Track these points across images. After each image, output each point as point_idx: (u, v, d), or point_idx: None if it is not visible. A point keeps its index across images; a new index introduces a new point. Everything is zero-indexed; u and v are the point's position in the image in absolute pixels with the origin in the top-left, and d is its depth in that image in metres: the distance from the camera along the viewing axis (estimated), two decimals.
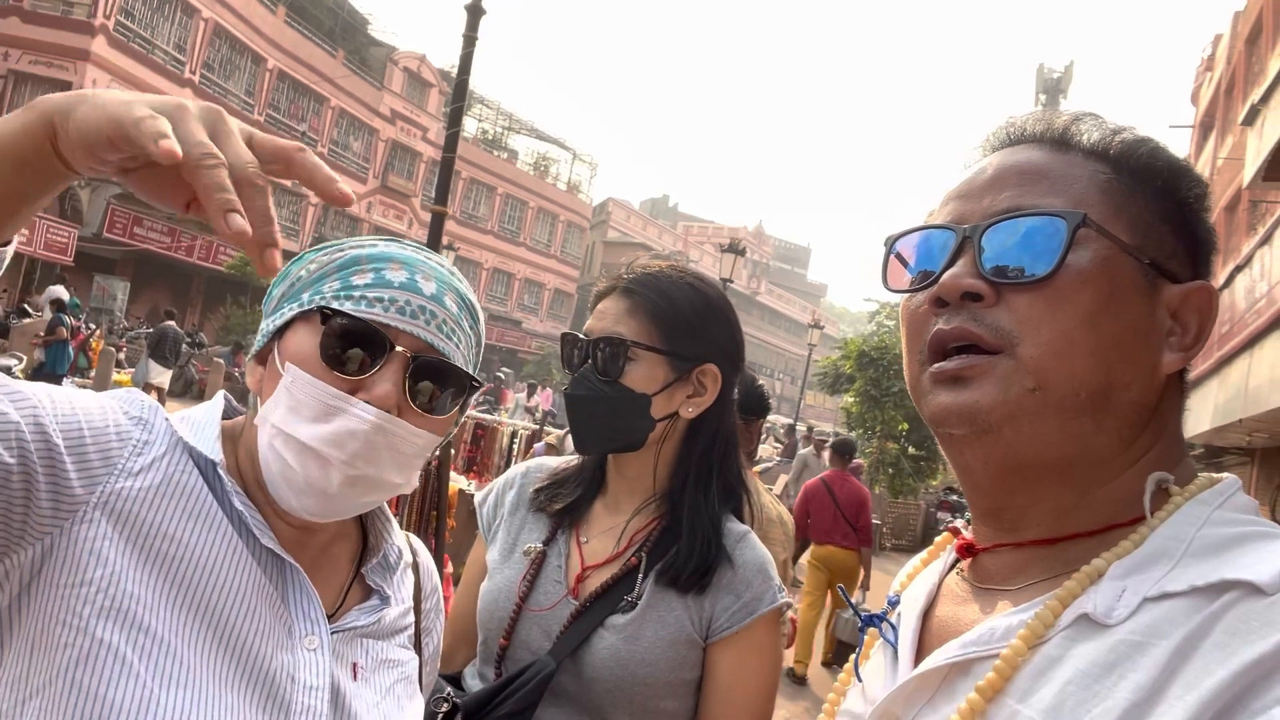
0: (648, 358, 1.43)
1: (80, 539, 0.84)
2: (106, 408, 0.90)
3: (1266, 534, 0.67)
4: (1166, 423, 0.77)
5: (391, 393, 0.94)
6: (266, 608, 0.93)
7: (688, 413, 1.47)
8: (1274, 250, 10.97)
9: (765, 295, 67.26)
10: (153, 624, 0.84)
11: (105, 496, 0.86)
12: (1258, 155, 12.38)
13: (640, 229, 54.88)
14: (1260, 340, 10.92)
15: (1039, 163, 0.78)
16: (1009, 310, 0.73)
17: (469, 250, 39.53)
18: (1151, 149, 0.78)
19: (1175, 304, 0.75)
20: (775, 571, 1.46)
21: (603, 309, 1.48)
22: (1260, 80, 13.43)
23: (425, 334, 0.97)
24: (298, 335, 0.96)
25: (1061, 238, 0.72)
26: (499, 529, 1.56)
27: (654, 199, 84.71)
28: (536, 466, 1.64)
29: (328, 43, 33.14)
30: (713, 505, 1.46)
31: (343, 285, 0.97)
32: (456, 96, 8.25)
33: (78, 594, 0.82)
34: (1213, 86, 21.19)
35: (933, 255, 0.79)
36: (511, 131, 45.76)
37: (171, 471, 0.92)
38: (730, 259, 18.85)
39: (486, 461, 7.60)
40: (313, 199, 33.02)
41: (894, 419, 16.22)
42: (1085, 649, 0.65)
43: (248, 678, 0.89)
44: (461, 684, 1.49)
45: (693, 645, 1.38)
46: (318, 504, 0.94)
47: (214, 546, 0.91)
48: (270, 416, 0.94)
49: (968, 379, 0.73)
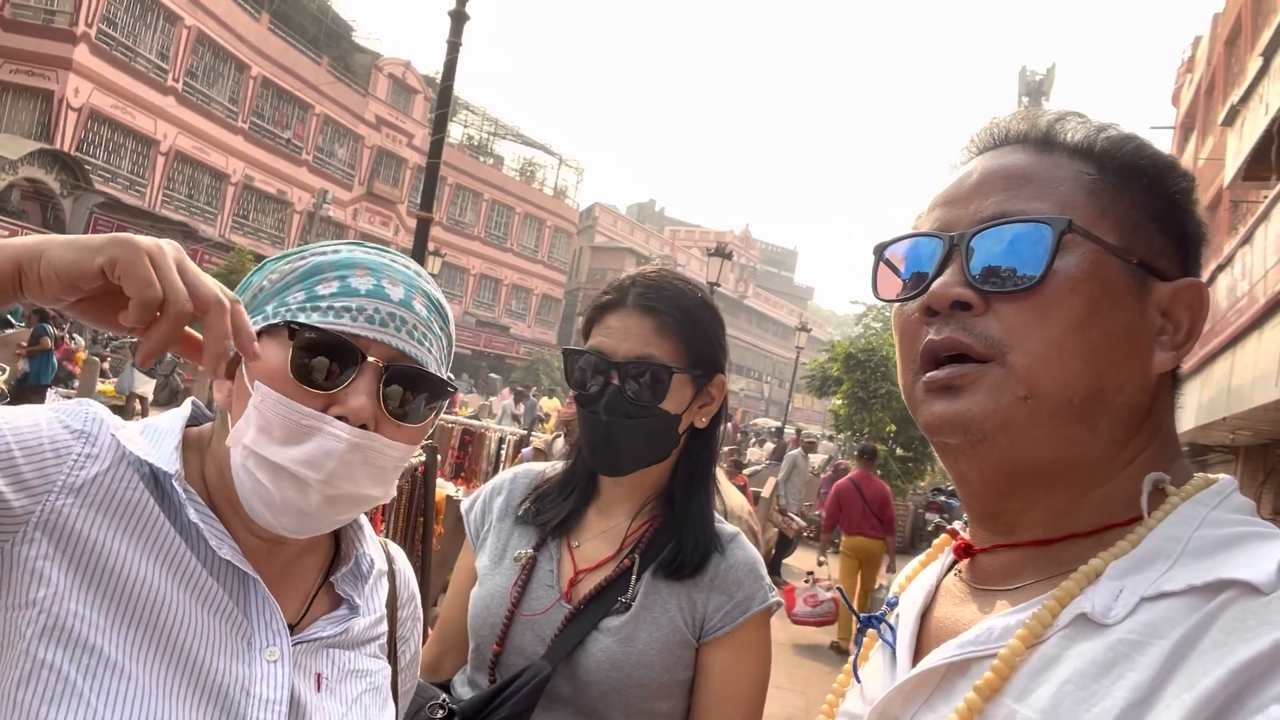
0: (680, 379, 1.43)
1: (22, 559, 0.82)
2: (41, 422, 0.87)
3: (1263, 534, 0.67)
4: (1161, 422, 0.77)
5: (366, 405, 0.92)
6: (220, 622, 0.91)
7: (701, 423, 1.49)
8: (1254, 250, 11.07)
9: (753, 299, 67.43)
10: (98, 642, 0.82)
11: (45, 514, 0.84)
12: (1237, 155, 12.49)
13: (627, 234, 54.93)
14: (1242, 339, 11.00)
15: (1023, 166, 0.78)
16: (998, 319, 0.73)
17: (456, 256, 39.46)
18: (1136, 146, 0.78)
19: (1166, 302, 0.75)
20: (765, 571, 1.47)
21: (624, 327, 1.44)
22: (1240, 81, 13.56)
23: (396, 341, 0.94)
24: (266, 350, 0.92)
25: (1047, 244, 0.72)
26: (488, 535, 1.56)
27: (640, 203, 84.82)
28: (524, 472, 1.63)
29: (312, 50, 33.06)
30: (708, 505, 1.49)
31: (308, 296, 0.94)
32: (441, 103, 8.24)
33: (21, 615, 0.81)
34: (1193, 88, 21.39)
35: (921, 263, 0.79)
36: (497, 137, 45.78)
37: (115, 486, 0.89)
38: (717, 263, 18.90)
39: (474, 467, 7.56)
40: (298, 206, 32.90)
41: (881, 420, 16.25)
42: (1083, 648, 0.65)
43: (199, 693, 0.87)
44: (450, 692, 1.48)
45: (686, 646, 1.39)
46: (295, 522, 0.93)
47: (158, 563, 0.88)
48: (242, 438, 0.91)
49: (959, 388, 0.73)
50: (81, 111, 24.64)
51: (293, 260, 0.99)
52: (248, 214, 31.80)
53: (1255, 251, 11.08)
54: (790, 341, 45.45)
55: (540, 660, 1.36)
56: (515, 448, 7.47)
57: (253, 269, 1.02)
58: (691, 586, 1.41)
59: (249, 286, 0.99)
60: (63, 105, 24.01)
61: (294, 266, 0.97)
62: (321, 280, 0.95)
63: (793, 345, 36.03)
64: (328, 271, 0.96)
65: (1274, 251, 9.96)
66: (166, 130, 27.68)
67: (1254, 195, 13.79)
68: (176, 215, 27.68)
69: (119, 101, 25.77)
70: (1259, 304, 10.28)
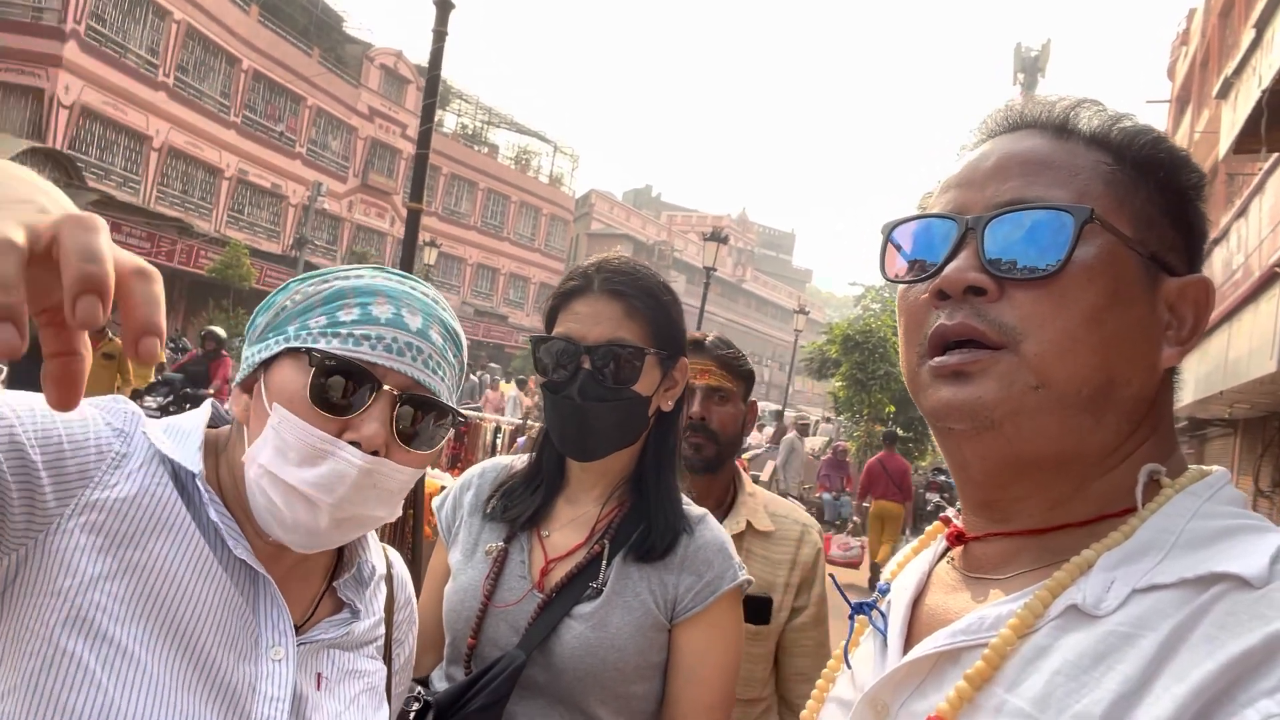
0: (649, 361, 1.45)
1: (53, 549, 0.85)
2: (89, 418, 0.91)
3: (1255, 527, 0.67)
4: (1161, 415, 0.77)
5: (380, 432, 0.95)
6: (234, 619, 0.94)
7: (667, 406, 1.51)
8: (1249, 223, 11.05)
9: (751, 282, 67.33)
10: (118, 634, 0.86)
11: (79, 508, 0.87)
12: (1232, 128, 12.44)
13: (624, 220, 54.77)
14: (1238, 312, 11.00)
15: (1042, 152, 0.77)
16: (1013, 306, 0.72)
17: (453, 246, 39.36)
18: (1153, 139, 0.77)
19: (1173, 297, 0.75)
20: (734, 550, 1.49)
21: (593, 312, 1.45)
22: (1233, 53, 13.49)
23: (412, 371, 0.98)
24: (285, 372, 0.96)
25: (1068, 233, 0.71)
26: (459, 530, 1.57)
27: (637, 189, 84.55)
28: (493, 466, 1.65)
29: (302, 41, 32.84)
30: (675, 487, 1.50)
31: (330, 321, 0.97)
32: (429, 93, 8.20)
33: (47, 604, 0.84)
34: (1188, 61, 21.29)
35: (933, 245, 0.78)
36: (491, 125, 45.51)
37: (147, 484, 0.93)
38: (714, 247, 18.85)
39: (470, 458, 7.58)
40: (293, 200, 32.79)
41: (881, 401, 16.28)
42: (1074, 639, 0.65)
43: (210, 688, 0.90)
44: (428, 686, 1.49)
45: (659, 628, 1.41)
46: (304, 539, 0.96)
47: (183, 558, 0.92)
48: (258, 456, 0.95)
49: (970, 374, 0.72)
50: (73, 109, 24.49)
51: (316, 283, 1.02)
52: (243, 208, 31.66)
53: (1250, 224, 11.06)
54: (789, 324, 45.36)
55: (515, 649, 1.37)
56: (511, 437, 7.48)
57: (276, 289, 1.05)
58: (662, 568, 1.42)
59: (272, 305, 1.02)
60: (54, 103, 23.85)
61: (317, 290, 1.00)
62: (343, 306, 0.98)
63: (791, 328, 35.98)
64: (349, 298, 0.99)
65: (1269, 224, 9.95)
66: (159, 126, 27.51)
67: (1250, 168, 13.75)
68: (171, 211, 27.54)
69: (110, 98, 25.60)
70: (1254, 277, 10.27)
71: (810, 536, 2.13)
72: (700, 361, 2.09)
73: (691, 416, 2.04)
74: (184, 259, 27.20)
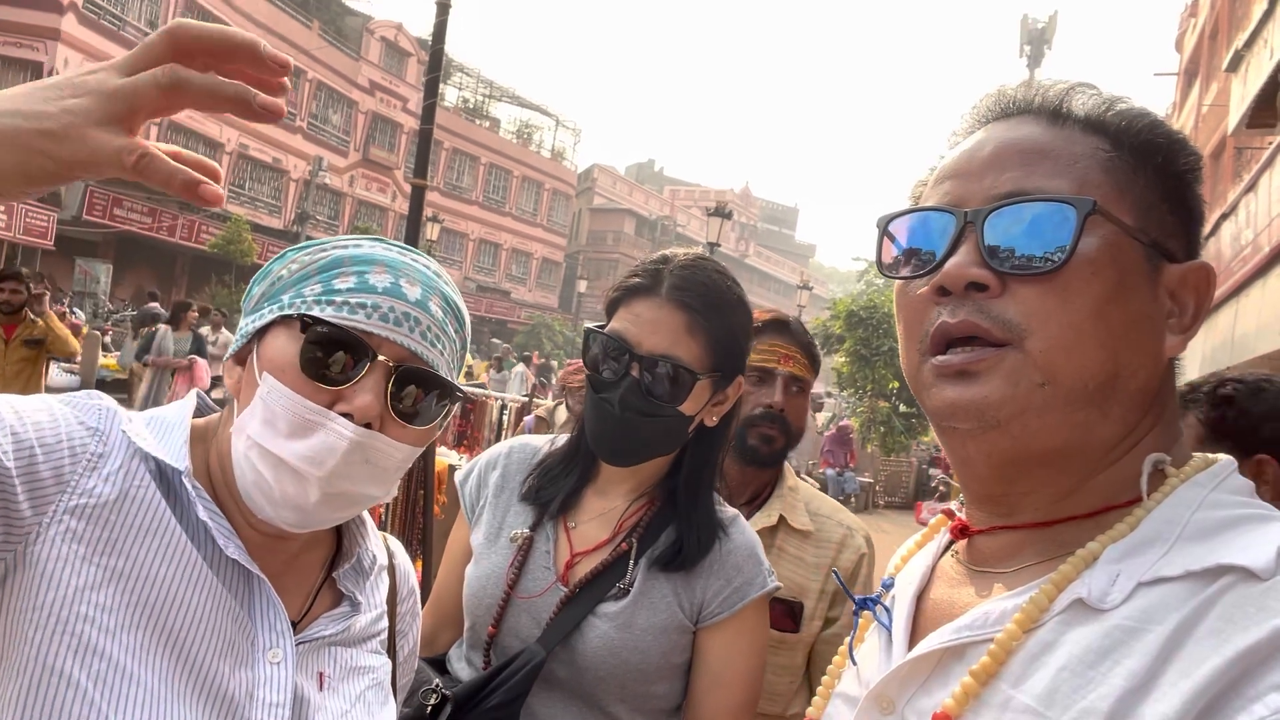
0: (703, 383, 1.39)
1: (35, 561, 0.82)
2: (60, 419, 0.86)
3: (1261, 516, 0.66)
4: (1165, 404, 0.76)
5: (372, 404, 0.90)
6: (228, 623, 0.90)
7: (711, 421, 1.45)
8: (1259, 197, 10.97)
9: (754, 257, 67.15)
10: (107, 647, 0.82)
11: (58, 515, 0.83)
12: (1242, 101, 12.33)
13: (626, 195, 54.57)
14: (1246, 288, 10.96)
15: (1039, 140, 0.75)
16: (1016, 301, 0.70)
17: (455, 222, 39.27)
18: (1151, 122, 0.76)
19: (1174, 285, 0.74)
20: (764, 555, 1.46)
21: (654, 319, 1.37)
22: (1244, 25, 13.33)
23: (409, 342, 0.93)
24: (277, 341, 0.92)
25: (1071, 225, 0.69)
26: (484, 510, 1.54)
27: (639, 164, 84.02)
28: (520, 446, 1.61)
29: (302, 14, 32.60)
30: (710, 502, 1.46)
31: (325, 289, 0.93)
32: (432, 67, 8.15)
33: (30, 619, 0.81)
34: (1197, 32, 21.05)
35: (931, 238, 0.76)
36: (493, 99, 45.26)
37: (127, 485, 0.88)
38: (717, 223, 18.79)
39: (476, 435, 7.60)
40: (294, 174, 32.68)
41: (884, 377, 16.26)
42: (1079, 634, 0.64)
43: (206, 698, 0.87)
44: (447, 666, 1.49)
45: (684, 630, 1.39)
46: (294, 516, 0.92)
47: (170, 564, 0.88)
48: (246, 427, 0.91)
49: (975, 374, 0.71)
50: None
51: (313, 251, 0.98)
52: (244, 183, 31.60)
53: (1260, 199, 10.98)
54: (792, 300, 45.37)
55: (534, 645, 1.35)
56: (517, 416, 7.49)
57: (273, 257, 1.01)
58: (690, 571, 1.40)
59: (269, 274, 0.99)
60: (52, 76, 23.75)
61: (314, 258, 0.97)
62: (339, 274, 0.94)
63: (795, 304, 35.95)
64: (346, 266, 0.95)
65: (1279, 199, 9.87)
66: None
67: (1259, 142, 13.63)
68: None
69: None
70: (1263, 252, 10.21)
71: (854, 541, 1.94)
72: (785, 346, 1.95)
73: (770, 406, 1.89)
74: (185, 234, 27.18)
